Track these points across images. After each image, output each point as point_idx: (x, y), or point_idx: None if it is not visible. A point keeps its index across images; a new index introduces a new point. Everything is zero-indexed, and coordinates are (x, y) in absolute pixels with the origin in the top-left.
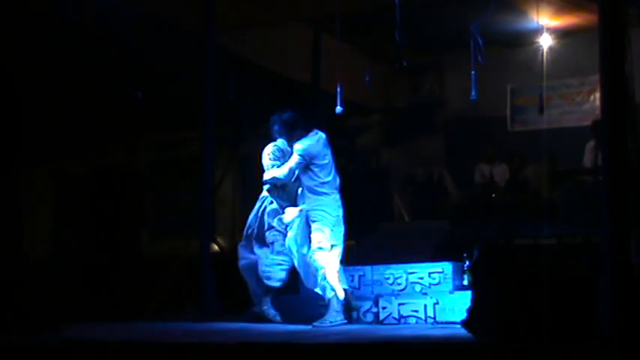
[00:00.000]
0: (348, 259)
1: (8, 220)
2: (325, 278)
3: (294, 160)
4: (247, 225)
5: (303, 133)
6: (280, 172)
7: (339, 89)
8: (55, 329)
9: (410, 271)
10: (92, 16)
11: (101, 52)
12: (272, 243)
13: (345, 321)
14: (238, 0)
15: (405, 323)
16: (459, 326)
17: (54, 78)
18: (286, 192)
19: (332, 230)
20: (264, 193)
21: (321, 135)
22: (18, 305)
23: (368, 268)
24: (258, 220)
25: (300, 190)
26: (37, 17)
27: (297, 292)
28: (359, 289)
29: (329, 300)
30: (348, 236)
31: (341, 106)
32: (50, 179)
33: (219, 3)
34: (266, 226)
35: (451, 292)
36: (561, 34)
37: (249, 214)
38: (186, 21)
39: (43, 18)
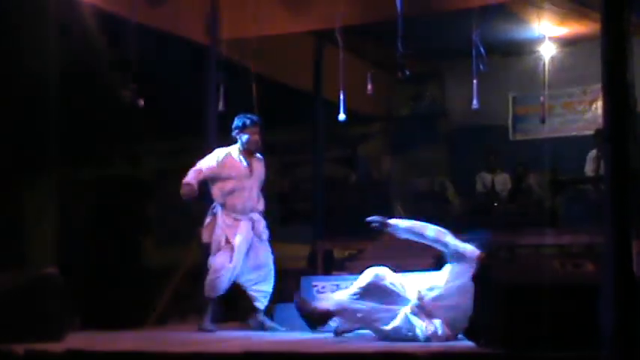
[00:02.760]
0: None
1: (11, 228)
2: None
3: None
4: None
5: None
6: None
7: (341, 96)
8: (59, 338)
9: None
10: (95, 25)
11: (103, 60)
12: None
13: None
14: (241, 10)
15: None
16: (461, 335)
17: (55, 87)
18: None
19: None
20: None
21: None
22: (21, 314)
23: None
24: None
25: None
26: (37, 27)
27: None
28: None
29: None
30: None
31: (343, 113)
32: (53, 188)
33: (222, 13)
34: None
35: None
36: (563, 42)
37: None
38: (189, 30)
39: (44, 27)
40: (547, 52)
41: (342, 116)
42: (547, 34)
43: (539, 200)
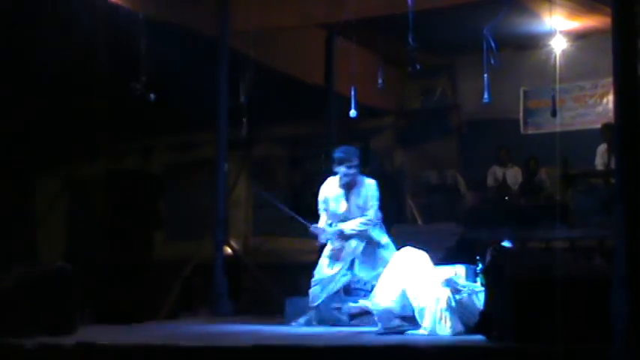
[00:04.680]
0: None
1: (22, 224)
2: None
3: None
4: None
5: None
6: None
7: (352, 92)
8: (70, 332)
9: None
10: (106, 19)
11: (114, 55)
12: None
13: None
14: (252, 3)
15: None
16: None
17: (66, 81)
18: None
19: None
20: None
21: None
22: (33, 308)
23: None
24: None
25: None
26: (50, 21)
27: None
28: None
29: None
30: None
31: (355, 108)
32: (63, 183)
33: (232, 6)
34: None
35: None
36: (574, 36)
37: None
38: (200, 23)
39: (56, 21)
40: (558, 45)
41: (353, 112)
42: (558, 27)
43: (550, 194)
